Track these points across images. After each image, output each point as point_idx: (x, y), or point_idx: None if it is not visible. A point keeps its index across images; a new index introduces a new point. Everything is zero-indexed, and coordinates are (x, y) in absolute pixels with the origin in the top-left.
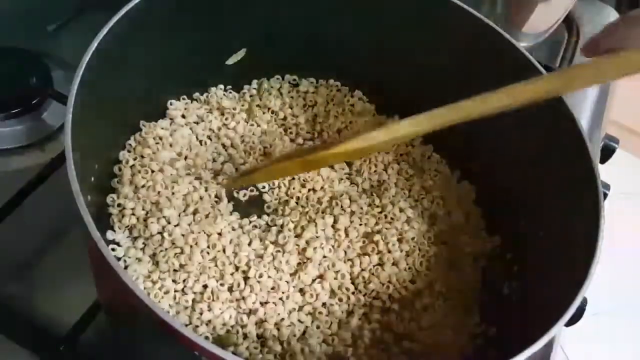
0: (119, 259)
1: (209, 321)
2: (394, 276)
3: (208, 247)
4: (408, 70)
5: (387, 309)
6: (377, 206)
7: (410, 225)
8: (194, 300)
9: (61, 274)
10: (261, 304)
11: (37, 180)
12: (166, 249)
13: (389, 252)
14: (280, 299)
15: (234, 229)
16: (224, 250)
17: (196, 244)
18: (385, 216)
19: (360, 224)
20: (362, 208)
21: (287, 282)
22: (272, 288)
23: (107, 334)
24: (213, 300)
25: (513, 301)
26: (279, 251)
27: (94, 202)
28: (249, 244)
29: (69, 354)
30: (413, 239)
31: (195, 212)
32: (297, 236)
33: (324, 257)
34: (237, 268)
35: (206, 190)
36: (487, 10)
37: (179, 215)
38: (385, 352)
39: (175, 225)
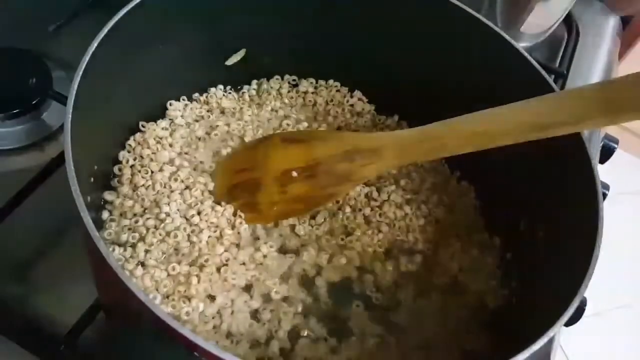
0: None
1: None
2: None
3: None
4: (408, 70)
5: None
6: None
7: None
8: None
9: (61, 274)
10: None
11: (37, 180)
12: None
13: None
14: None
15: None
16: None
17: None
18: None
19: None
20: None
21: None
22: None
23: (107, 334)
24: None
25: (513, 301)
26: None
27: (93, 202)
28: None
29: (69, 354)
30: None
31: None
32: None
33: None
34: None
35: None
36: (486, 10)
37: (177, 211)
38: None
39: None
